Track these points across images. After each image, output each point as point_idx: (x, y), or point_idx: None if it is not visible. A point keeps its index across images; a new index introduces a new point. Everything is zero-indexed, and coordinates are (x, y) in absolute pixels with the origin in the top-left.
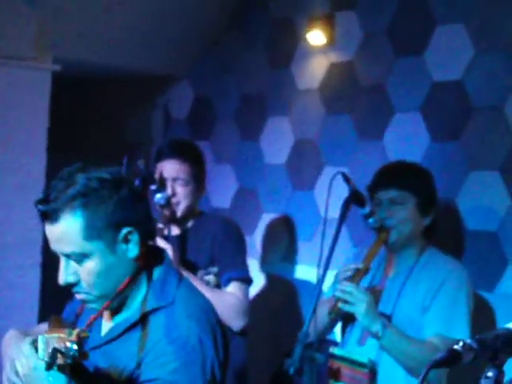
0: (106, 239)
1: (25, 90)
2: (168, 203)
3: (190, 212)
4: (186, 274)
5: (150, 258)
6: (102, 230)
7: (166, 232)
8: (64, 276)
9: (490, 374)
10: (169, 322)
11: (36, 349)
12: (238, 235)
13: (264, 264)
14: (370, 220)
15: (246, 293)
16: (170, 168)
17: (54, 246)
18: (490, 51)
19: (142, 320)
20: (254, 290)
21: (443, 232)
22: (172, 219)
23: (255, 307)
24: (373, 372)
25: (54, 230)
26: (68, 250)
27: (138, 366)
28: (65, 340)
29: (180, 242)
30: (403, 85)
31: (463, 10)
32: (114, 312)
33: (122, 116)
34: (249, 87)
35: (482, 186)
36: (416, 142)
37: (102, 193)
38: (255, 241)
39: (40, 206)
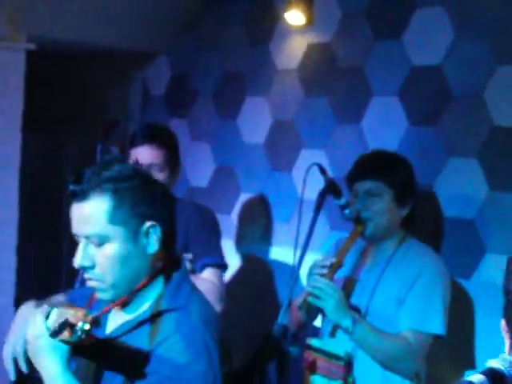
0: (129, 227)
1: None
2: None
3: None
4: None
5: (169, 262)
6: (127, 218)
7: None
8: (80, 259)
9: None
10: (180, 322)
11: (47, 318)
12: (212, 221)
13: (241, 244)
14: (346, 211)
15: (222, 278)
16: (144, 154)
17: (77, 228)
18: (469, 36)
19: (154, 317)
20: (231, 270)
21: (421, 219)
22: None
23: (232, 288)
24: (349, 365)
25: (80, 210)
26: (90, 231)
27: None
28: (79, 318)
29: None
30: (382, 68)
31: None
32: (124, 305)
33: (99, 93)
34: (227, 65)
35: (460, 173)
36: (394, 126)
37: (134, 182)
38: (233, 220)
39: (71, 186)
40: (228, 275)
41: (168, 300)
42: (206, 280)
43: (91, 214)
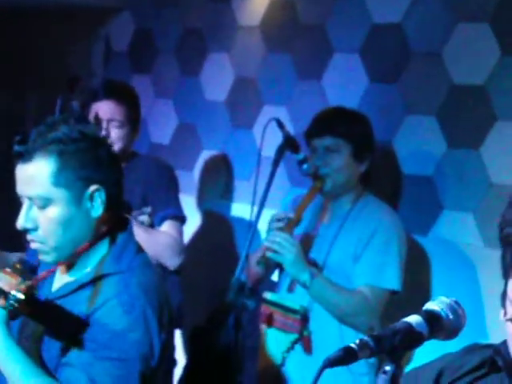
0: (73, 191)
1: None
2: None
3: (124, 154)
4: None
5: (115, 224)
6: (71, 181)
7: None
8: (23, 220)
9: (387, 368)
10: (121, 287)
11: None
12: (170, 175)
13: (202, 201)
14: (304, 166)
15: (181, 231)
16: (105, 109)
17: (21, 188)
18: None
19: (95, 280)
20: (192, 227)
21: (379, 175)
22: None
23: (192, 244)
24: (305, 318)
25: (25, 170)
26: (34, 192)
27: (87, 319)
28: (13, 286)
29: None
30: (343, 25)
31: None
32: (69, 267)
33: (62, 49)
34: (189, 21)
35: (419, 130)
36: (354, 84)
37: (81, 145)
38: (194, 177)
39: (16, 146)
40: (189, 231)
41: (110, 263)
42: (165, 233)
43: (35, 175)
